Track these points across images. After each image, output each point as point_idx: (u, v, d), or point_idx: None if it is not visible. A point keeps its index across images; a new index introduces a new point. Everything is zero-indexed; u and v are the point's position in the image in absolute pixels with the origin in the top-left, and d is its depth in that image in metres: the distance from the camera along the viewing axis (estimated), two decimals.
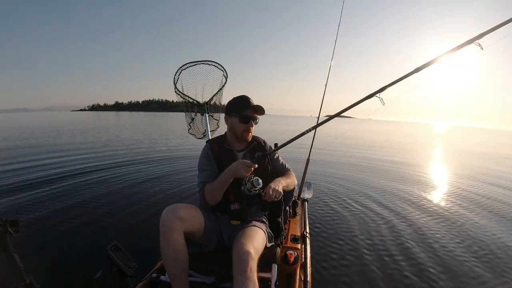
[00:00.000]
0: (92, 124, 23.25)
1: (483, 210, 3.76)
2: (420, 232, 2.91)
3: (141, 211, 3.31)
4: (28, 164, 5.73)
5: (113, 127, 20.28)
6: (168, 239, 1.16)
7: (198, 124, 2.43)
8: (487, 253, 2.49)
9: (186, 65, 2.30)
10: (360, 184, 4.96)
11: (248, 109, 1.43)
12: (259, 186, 1.26)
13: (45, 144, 9.04)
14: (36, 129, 16.12)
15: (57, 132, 14.18)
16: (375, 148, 11.10)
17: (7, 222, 0.96)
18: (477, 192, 4.76)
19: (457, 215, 3.48)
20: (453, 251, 2.52)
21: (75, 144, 8.69)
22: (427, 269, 2.21)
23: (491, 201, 4.27)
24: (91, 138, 11.30)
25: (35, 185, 4.22)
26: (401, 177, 5.67)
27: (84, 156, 6.91)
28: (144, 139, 11.51)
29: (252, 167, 1.25)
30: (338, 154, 8.58)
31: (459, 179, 5.81)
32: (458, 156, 10.88)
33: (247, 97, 1.47)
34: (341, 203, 3.79)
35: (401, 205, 3.83)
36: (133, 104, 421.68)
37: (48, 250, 2.41)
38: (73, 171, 5.16)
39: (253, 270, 1.07)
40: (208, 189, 1.35)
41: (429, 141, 19.01)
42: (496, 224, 3.24)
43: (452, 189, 4.95)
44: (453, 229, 3.04)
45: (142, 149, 8.62)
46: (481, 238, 2.81)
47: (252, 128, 1.47)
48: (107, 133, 14.22)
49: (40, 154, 6.97)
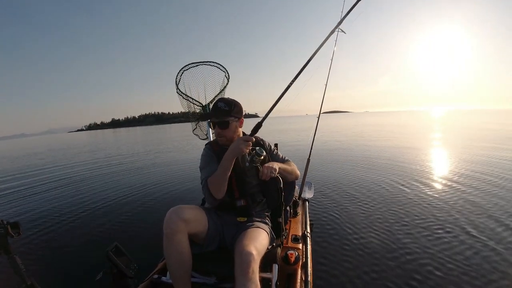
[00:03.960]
0: (89, 145, 23.13)
1: (495, 206, 3.74)
2: (422, 231, 2.91)
3: (141, 212, 3.31)
4: (30, 169, 5.75)
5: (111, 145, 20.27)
6: (172, 241, 1.16)
7: (203, 125, 2.43)
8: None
9: (187, 66, 2.30)
10: (361, 183, 4.95)
11: (213, 115, 1.42)
12: (263, 153, 1.26)
13: (45, 160, 9.05)
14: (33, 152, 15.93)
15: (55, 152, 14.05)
16: (376, 144, 11.08)
17: (8, 224, 0.96)
18: (479, 179, 4.72)
19: (461, 214, 3.46)
20: (455, 251, 2.51)
21: (76, 153, 8.72)
22: (429, 269, 2.20)
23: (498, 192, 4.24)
24: (91, 153, 11.29)
25: (37, 188, 4.23)
26: (403, 175, 5.66)
27: (85, 162, 6.93)
28: (144, 145, 11.53)
29: (249, 140, 1.25)
30: (339, 154, 8.57)
31: (459, 170, 5.77)
32: (453, 142, 10.82)
33: (218, 101, 1.44)
34: (342, 203, 3.78)
35: (403, 203, 3.82)
36: (129, 119, 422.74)
37: (49, 252, 2.42)
38: (74, 175, 5.17)
39: (255, 272, 1.06)
40: (212, 180, 1.30)
41: (426, 130, 18.98)
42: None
43: (454, 184, 4.94)
44: (454, 229, 3.03)
45: (145, 153, 8.64)
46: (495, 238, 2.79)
47: (223, 132, 1.42)
48: (106, 149, 14.20)
49: (41, 166, 6.98)
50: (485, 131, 14.98)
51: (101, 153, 8.47)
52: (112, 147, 9.48)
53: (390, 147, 9.90)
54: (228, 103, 1.42)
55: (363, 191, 4.42)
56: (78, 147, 12.81)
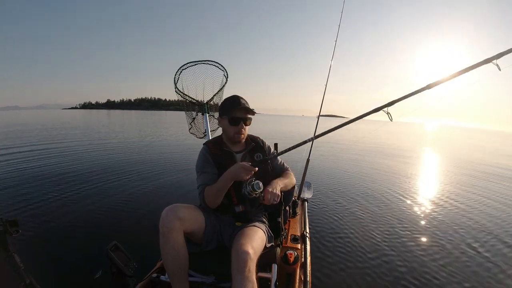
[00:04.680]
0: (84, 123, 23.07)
1: (489, 208, 3.75)
2: (421, 232, 2.91)
3: (141, 210, 3.31)
4: (27, 164, 5.73)
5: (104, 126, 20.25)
6: (168, 239, 1.16)
7: (199, 124, 2.42)
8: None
9: (186, 65, 2.29)
10: (360, 184, 4.96)
11: (238, 110, 1.38)
12: (259, 190, 1.24)
13: (42, 142, 9.03)
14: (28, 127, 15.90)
15: (51, 130, 14.04)
16: (375, 148, 11.10)
17: (7, 222, 0.96)
18: (471, 185, 4.76)
19: (459, 213, 3.47)
20: (454, 252, 2.52)
21: (72, 146, 8.67)
22: (427, 269, 2.21)
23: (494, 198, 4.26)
24: (88, 138, 11.26)
25: (34, 185, 4.21)
26: (401, 177, 5.67)
27: (82, 156, 6.91)
28: (142, 138, 11.51)
29: (252, 170, 1.24)
30: (338, 155, 8.58)
31: (456, 175, 5.81)
32: (450, 152, 10.88)
33: (237, 97, 1.41)
34: (341, 203, 3.79)
35: (402, 204, 3.83)
36: (125, 102, 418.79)
37: (48, 250, 2.41)
38: (72, 172, 5.16)
39: (251, 270, 1.07)
40: (208, 192, 1.32)
41: (423, 140, 19.15)
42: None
43: (451, 188, 4.95)
44: (455, 228, 3.03)
45: (142, 148, 8.63)
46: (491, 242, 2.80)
47: (244, 129, 1.41)
48: (102, 132, 14.18)
49: (38, 153, 6.96)
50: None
51: (99, 145, 8.48)
52: (110, 134, 9.50)
53: (389, 151, 9.92)
54: (246, 101, 1.43)
55: (362, 192, 4.42)
56: (75, 127, 12.51)
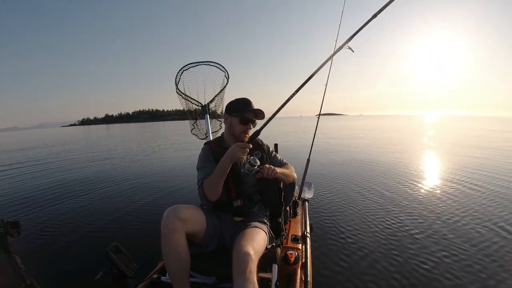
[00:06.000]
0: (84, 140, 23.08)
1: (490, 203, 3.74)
2: (421, 232, 2.91)
3: (142, 212, 3.31)
4: (29, 169, 5.74)
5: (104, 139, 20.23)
6: (169, 240, 1.16)
7: (201, 125, 2.42)
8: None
9: (187, 66, 2.30)
10: (361, 183, 4.96)
11: (249, 112, 1.46)
12: (257, 164, 1.28)
13: (43, 157, 9.05)
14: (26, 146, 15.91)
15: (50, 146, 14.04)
16: (374, 146, 11.09)
17: (8, 223, 0.96)
18: (472, 180, 4.74)
19: (463, 213, 3.46)
20: (456, 253, 2.51)
21: (73, 157, 8.68)
22: (428, 269, 2.21)
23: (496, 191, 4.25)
24: (88, 147, 11.29)
25: (37, 190, 4.22)
26: (402, 176, 5.66)
27: (83, 161, 6.92)
28: (142, 143, 11.53)
29: (247, 147, 1.27)
30: (339, 154, 8.58)
31: (456, 171, 5.79)
32: (449, 144, 10.86)
33: (249, 100, 1.50)
34: (342, 203, 3.79)
35: (403, 203, 3.83)
36: (123, 115, 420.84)
37: (49, 251, 2.42)
38: (72, 175, 5.16)
39: (252, 272, 1.06)
40: (207, 181, 1.33)
41: (421, 134, 19.13)
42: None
43: (453, 182, 4.94)
44: (455, 228, 3.03)
45: (142, 151, 8.64)
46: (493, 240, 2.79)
47: (249, 130, 1.49)
48: (102, 144, 14.18)
49: (40, 161, 6.98)
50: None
51: (97, 151, 8.45)
52: (108, 145, 9.54)
53: (389, 150, 9.91)
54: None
55: (362, 192, 4.42)
56: (73, 142, 12.65)
